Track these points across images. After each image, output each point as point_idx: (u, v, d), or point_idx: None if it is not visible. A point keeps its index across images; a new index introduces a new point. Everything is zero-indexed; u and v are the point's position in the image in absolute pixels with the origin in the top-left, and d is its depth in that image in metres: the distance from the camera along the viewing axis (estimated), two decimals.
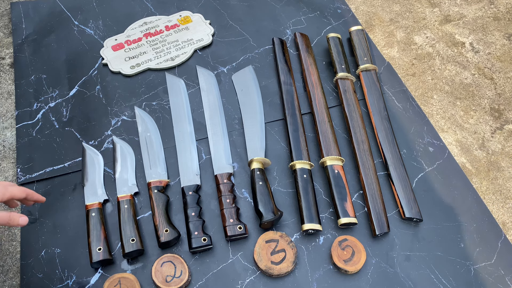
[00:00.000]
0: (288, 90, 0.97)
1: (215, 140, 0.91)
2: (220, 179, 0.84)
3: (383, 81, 1.03)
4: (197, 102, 0.98)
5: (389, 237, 0.81)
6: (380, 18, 1.18)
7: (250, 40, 1.09)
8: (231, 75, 1.02)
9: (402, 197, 0.83)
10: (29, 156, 0.88)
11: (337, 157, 0.86)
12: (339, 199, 0.81)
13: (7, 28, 1.11)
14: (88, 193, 0.82)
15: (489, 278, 0.77)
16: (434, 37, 1.14)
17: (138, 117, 0.94)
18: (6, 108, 0.97)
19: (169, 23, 1.11)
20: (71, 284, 0.74)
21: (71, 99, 0.97)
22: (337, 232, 0.81)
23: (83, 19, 1.12)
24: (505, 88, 1.04)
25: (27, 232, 0.80)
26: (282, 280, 0.76)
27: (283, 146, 0.92)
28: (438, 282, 0.76)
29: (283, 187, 0.86)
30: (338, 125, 0.95)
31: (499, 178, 0.90)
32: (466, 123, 0.98)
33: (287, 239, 0.77)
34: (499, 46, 1.12)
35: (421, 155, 0.91)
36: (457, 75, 1.06)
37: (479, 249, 0.80)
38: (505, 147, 0.94)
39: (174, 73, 1.02)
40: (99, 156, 0.88)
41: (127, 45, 1.06)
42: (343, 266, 0.75)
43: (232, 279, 0.76)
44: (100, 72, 1.02)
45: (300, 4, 1.18)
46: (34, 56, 1.04)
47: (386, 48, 1.11)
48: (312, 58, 1.02)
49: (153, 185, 0.82)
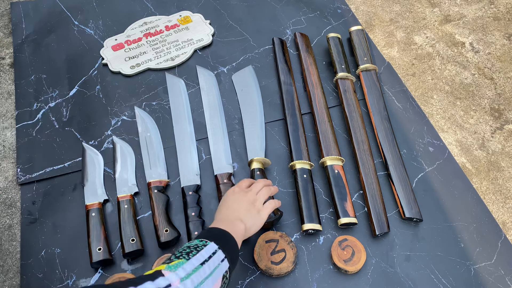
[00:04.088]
0: (288, 90, 0.97)
1: (215, 140, 0.91)
2: (220, 179, 0.84)
3: (383, 81, 1.03)
4: (197, 102, 0.98)
5: (389, 237, 0.81)
6: (380, 18, 1.18)
7: (250, 40, 1.09)
8: (231, 75, 1.02)
9: (402, 197, 0.83)
10: (29, 156, 0.88)
11: (337, 157, 0.86)
12: (339, 199, 0.81)
13: (7, 28, 1.11)
14: (88, 193, 0.82)
15: (489, 278, 0.77)
16: (434, 37, 1.14)
17: (138, 117, 0.94)
18: (6, 108, 0.97)
19: (169, 23, 1.11)
20: (71, 284, 0.74)
21: (71, 99, 0.97)
22: (337, 232, 0.81)
23: (83, 19, 1.12)
24: (505, 88, 1.04)
25: (27, 232, 0.80)
26: (282, 280, 0.76)
27: (283, 146, 0.92)
28: (438, 282, 0.76)
29: (283, 187, 0.86)
30: (338, 125, 0.95)
31: (499, 178, 0.90)
32: (466, 123, 0.98)
33: (287, 239, 0.77)
34: (499, 46, 1.12)
35: (421, 155, 0.91)
36: (457, 75, 1.06)
37: (479, 249, 0.80)
38: (505, 147, 0.94)
39: (174, 73, 1.02)
40: (99, 156, 0.88)
41: (127, 45, 1.06)
42: (343, 266, 0.75)
43: (232, 279, 0.76)
44: (100, 72, 1.02)
45: (300, 4, 1.18)
46: (34, 56, 1.04)
47: (386, 48, 1.11)
48: (312, 58, 1.02)
49: (153, 185, 0.82)
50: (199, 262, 0.54)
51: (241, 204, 0.68)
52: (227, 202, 0.70)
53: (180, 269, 0.51)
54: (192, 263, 0.53)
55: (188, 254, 0.55)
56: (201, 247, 0.57)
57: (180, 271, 0.51)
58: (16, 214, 0.83)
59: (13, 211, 0.83)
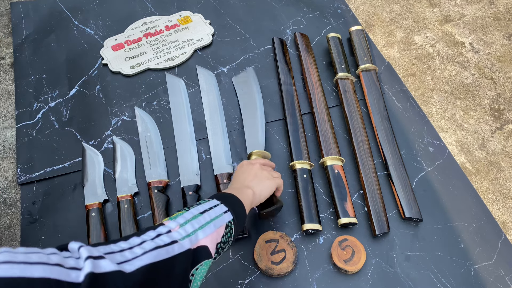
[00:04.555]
0: (288, 90, 0.97)
1: (215, 140, 0.91)
2: (220, 179, 0.84)
3: (383, 81, 1.03)
4: (197, 102, 0.98)
5: (389, 237, 0.81)
6: (380, 18, 1.18)
7: (250, 40, 1.09)
8: (231, 75, 1.02)
9: (402, 197, 0.83)
10: (29, 156, 0.88)
11: (337, 157, 0.86)
12: (339, 199, 0.81)
13: (7, 28, 1.11)
14: (88, 193, 0.82)
15: (489, 278, 0.77)
16: (434, 37, 1.14)
17: (138, 117, 0.94)
18: (6, 108, 0.97)
19: (169, 23, 1.11)
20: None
21: (71, 99, 0.97)
22: (337, 232, 0.81)
23: (83, 19, 1.12)
24: (505, 88, 1.04)
25: (27, 232, 0.80)
26: (282, 280, 0.76)
27: (283, 146, 0.92)
28: (438, 282, 0.76)
29: (283, 187, 0.86)
30: (338, 125, 0.95)
31: (499, 178, 0.90)
32: (466, 123, 0.98)
33: (287, 239, 0.77)
34: (499, 46, 1.12)
35: (421, 155, 0.91)
36: (457, 75, 1.06)
37: (479, 249, 0.80)
38: (505, 147, 0.94)
39: (174, 73, 1.02)
40: (99, 156, 0.88)
41: (127, 45, 1.06)
42: (343, 266, 0.75)
43: (232, 279, 0.76)
44: (100, 72, 1.02)
45: (300, 4, 1.18)
46: (34, 56, 1.04)
47: (386, 48, 1.11)
48: (312, 58, 1.02)
49: (153, 185, 0.82)
50: (199, 211, 0.56)
51: (250, 173, 0.71)
52: (235, 175, 0.72)
53: (180, 217, 0.54)
54: (192, 212, 0.56)
55: (189, 208, 0.57)
56: (203, 202, 0.59)
57: (180, 219, 0.54)
58: (16, 214, 0.83)
59: (13, 211, 0.83)
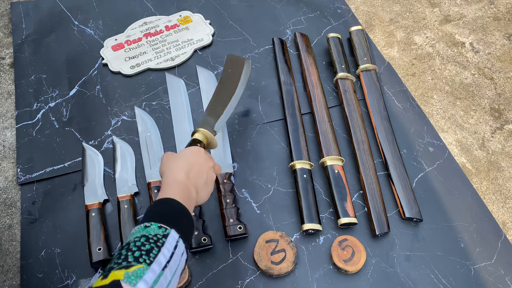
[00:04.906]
0: (288, 90, 0.97)
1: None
2: (220, 179, 0.84)
3: (383, 81, 1.03)
4: (197, 102, 0.98)
5: (389, 237, 0.81)
6: (380, 18, 1.18)
7: (250, 40, 1.09)
8: None
9: (402, 197, 0.83)
10: (29, 156, 0.88)
11: (337, 157, 0.86)
12: (339, 199, 0.81)
13: (7, 28, 1.11)
14: (88, 193, 0.82)
15: (489, 278, 0.77)
16: (434, 37, 1.14)
17: (138, 117, 0.94)
18: (6, 108, 0.97)
19: (169, 23, 1.11)
20: (71, 284, 0.74)
21: (71, 99, 0.97)
22: (337, 232, 0.81)
23: (83, 19, 1.12)
24: (505, 88, 1.04)
25: (27, 232, 0.80)
26: (282, 280, 0.76)
27: (283, 146, 0.92)
28: (438, 282, 0.76)
29: (283, 187, 0.86)
30: (338, 125, 0.95)
31: (499, 178, 0.90)
32: (466, 123, 0.98)
33: (287, 239, 0.77)
34: (499, 46, 1.12)
35: (421, 155, 0.91)
36: (457, 75, 1.06)
37: (479, 249, 0.80)
38: (505, 147, 0.94)
39: (174, 73, 1.02)
40: (99, 156, 0.88)
41: (127, 45, 1.06)
42: (343, 266, 0.75)
43: (232, 279, 0.76)
44: (100, 72, 1.02)
45: (300, 4, 1.17)
46: (34, 56, 1.04)
47: (386, 48, 1.11)
48: (312, 58, 1.02)
49: (153, 185, 0.82)
50: (161, 267, 0.50)
51: (200, 169, 0.65)
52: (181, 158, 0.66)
53: (141, 283, 0.46)
54: (153, 270, 0.48)
55: (149, 253, 0.50)
56: (161, 240, 0.52)
57: (141, 285, 0.46)
58: (16, 214, 0.83)
59: (13, 211, 0.83)
